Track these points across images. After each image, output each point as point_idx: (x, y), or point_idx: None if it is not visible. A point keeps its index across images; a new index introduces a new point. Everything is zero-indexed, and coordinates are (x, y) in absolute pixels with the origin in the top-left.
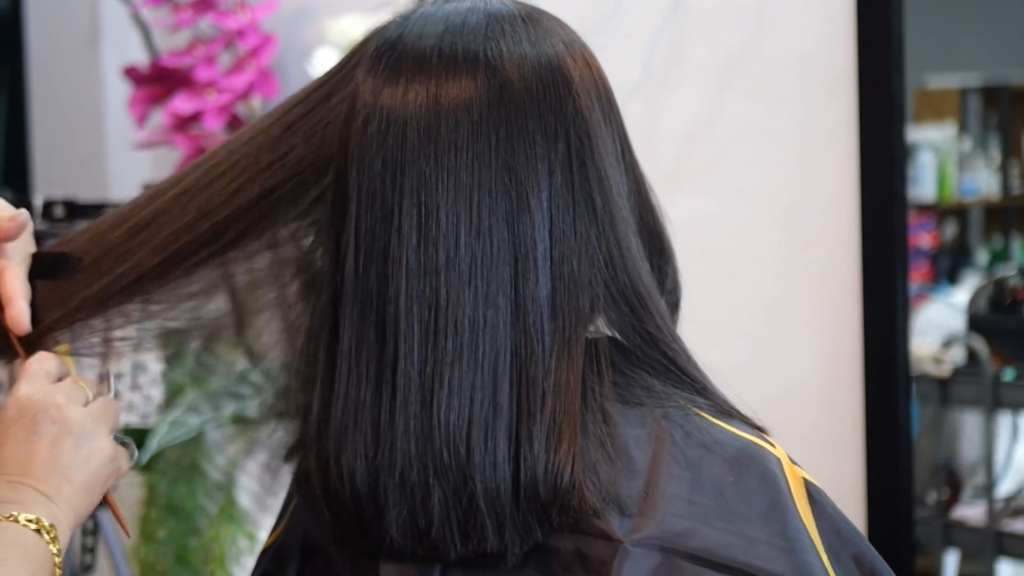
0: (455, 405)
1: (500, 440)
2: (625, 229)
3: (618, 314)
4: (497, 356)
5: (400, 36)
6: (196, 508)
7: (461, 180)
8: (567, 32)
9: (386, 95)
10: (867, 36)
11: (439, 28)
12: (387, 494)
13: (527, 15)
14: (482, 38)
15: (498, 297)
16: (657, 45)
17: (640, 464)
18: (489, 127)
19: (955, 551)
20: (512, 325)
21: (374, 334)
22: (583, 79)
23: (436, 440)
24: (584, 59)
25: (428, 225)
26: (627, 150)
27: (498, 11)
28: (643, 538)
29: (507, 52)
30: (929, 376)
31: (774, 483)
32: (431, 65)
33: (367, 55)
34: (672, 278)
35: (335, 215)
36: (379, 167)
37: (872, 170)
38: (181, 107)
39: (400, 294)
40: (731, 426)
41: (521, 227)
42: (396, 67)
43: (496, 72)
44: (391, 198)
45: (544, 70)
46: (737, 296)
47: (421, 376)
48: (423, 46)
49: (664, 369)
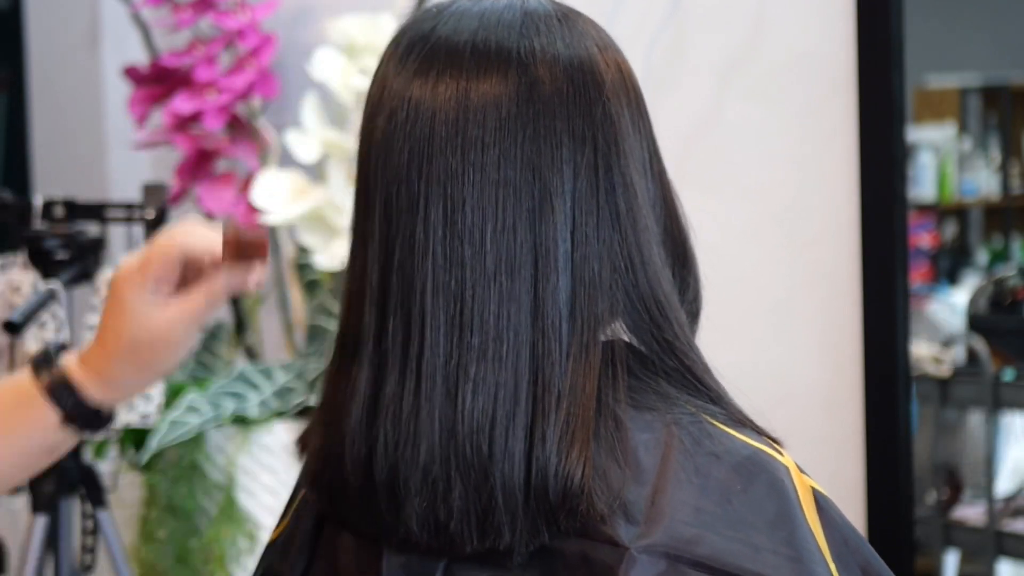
0: (479, 400)
1: (518, 438)
2: (647, 236)
3: (636, 320)
4: (518, 354)
5: (434, 29)
6: (196, 508)
7: (487, 176)
8: (601, 35)
9: (416, 87)
10: (867, 36)
11: (474, 23)
12: (408, 486)
13: (562, 15)
14: (516, 35)
15: (520, 295)
16: (657, 45)
17: (648, 470)
18: (516, 125)
19: (955, 551)
20: (531, 325)
21: (399, 324)
22: (614, 83)
23: (459, 434)
24: (617, 64)
25: (454, 218)
26: (655, 158)
27: (534, 10)
28: (649, 545)
29: (540, 51)
30: (929, 376)
31: (782, 492)
32: (463, 59)
33: (400, 47)
34: (693, 288)
35: (359, 205)
36: (406, 157)
37: (872, 170)
38: (181, 107)
39: (426, 286)
40: (742, 435)
41: (543, 227)
42: (428, 60)
43: (527, 70)
44: (416, 188)
45: (576, 72)
46: (737, 296)
47: (446, 369)
48: (457, 40)
49: (679, 377)
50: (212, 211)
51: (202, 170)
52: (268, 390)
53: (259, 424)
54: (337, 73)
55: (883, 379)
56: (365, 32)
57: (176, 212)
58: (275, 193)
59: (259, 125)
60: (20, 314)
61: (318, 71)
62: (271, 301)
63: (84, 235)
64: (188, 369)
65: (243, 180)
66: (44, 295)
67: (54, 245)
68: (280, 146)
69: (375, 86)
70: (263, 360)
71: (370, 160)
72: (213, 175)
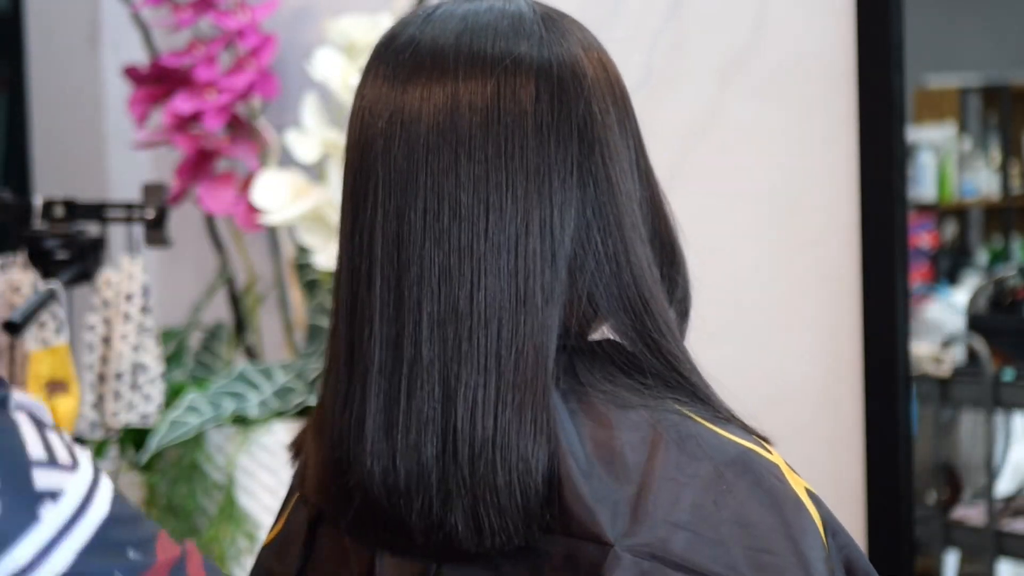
0: (471, 401)
1: (509, 437)
2: (633, 235)
3: (623, 320)
4: (506, 356)
5: (419, 33)
6: (196, 508)
7: (473, 179)
8: (585, 35)
9: (400, 91)
10: (867, 36)
11: (458, 27)
12: (408, 487)
13: (545, 16)
14: (500, 38)
15: (507, 298)
16: (657, 45)
17: (634, 469)
18: (501, 126)
19: (955, 551)
20: (518, 327)
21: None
22: (599, 82)
23: (456, 434)
24: (601, 63)
25: (440, 222)
26: (642, 157)
27: (516, 11)
28: (634, 544)
29: (524, 52)
30: (929, 376)
31: (770, 489)
32: (448, 63)
33: (387, 50)
34: (682, 287)
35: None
36: (390, 162)
37: (872, 170)
38: (181, 107)
39: (414, 289)
40: (728, 432)
41: (529, 226)
42: (414, 63)
43: (512, 72)
44: (402, 193)
45: (560, 72)
46: (737, 296)
47: (440, 372)
48: (442, 43)
49: (666, 376)
50: (212, 211)
51: (202, 170)
52: (268, 390)
53: (259, 424)
54: (337, 73)
55: (883, 379)
56: (365, 32)
57: (176, 212)
58: (275, 193)
59: (259, 125)
60: (20, 314)
61: (318, 71)
62: (271, 301)
63: (84, 235)
64: (188, 369)
65: (243, 180)
66: (44, 295)
67: (54, 245)
68: (280, 146)
69: (362, 90)
70: (263, 360)
71: (357, 164)
72: (213, 175)
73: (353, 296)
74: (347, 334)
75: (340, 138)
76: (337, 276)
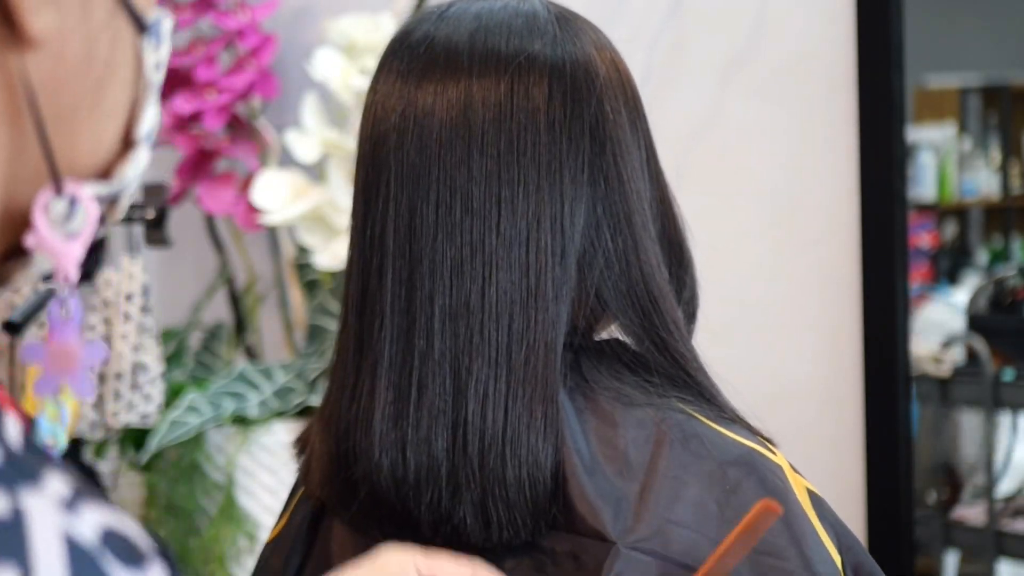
0: (482, 395)
1: (519, 432)
2: (642, 235)
3: (631, 318)
4: (516, 352)
5: (433, 30)
6: (196, 508)
7: (486, 171)
8: (598, 35)
9: (415, 89)
10: (867, 36)
11: (472, 24)
12: (419, 479)
13: (559, 15)
14: (513, 37)
15: (518, 294)
16: (657, 45)
17: (638, 467)
18: (513, 122)
19: (955, 551)
20: (528, 324)
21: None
22: (611, 83)
23: (467, 427)
24: (614, 63)
25: (453, 218)
26: (653, 158)
27: (530, 10)
28: (637, 541)
29: (537, 51)
30: (929, 376)
31: (773, 490)
32: (462, 60)
33: (401, 48)
34: (690, 288)
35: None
36: (404, 159)
37: (872, 170)
38: (181, 107)
39: (426, 284)
40: (733, 433)
41: (540, 221)
42: (428, 61)
43: (525, 71)
44: (415, 191)
45: (573, 71)
46: (737, 296)
47: (450, 366)
48: (455, 41)
49: (673, 375)
50: (212, 211)
51: (202, 170)
52: (268, 390)
53: (259, 424)
54: (337, 73)
55: (883, 379)
56: (365, 32)
57: (176, 212)
58: (275, 193)
59: (259, 125)
60: (20, 314)
61: (318, 71)
62: (271, 301)
63: None
64: (188, 369)
65: (243, 180)
66: (44, 295)
67: None
68: (280, 146)
69: (375, 85)
70: (263, 360)
71: (370, 159)
72: (213, 175)
73: (364, 289)
74: (356, 327)
75: (340, 138)
76: (348, 269)
